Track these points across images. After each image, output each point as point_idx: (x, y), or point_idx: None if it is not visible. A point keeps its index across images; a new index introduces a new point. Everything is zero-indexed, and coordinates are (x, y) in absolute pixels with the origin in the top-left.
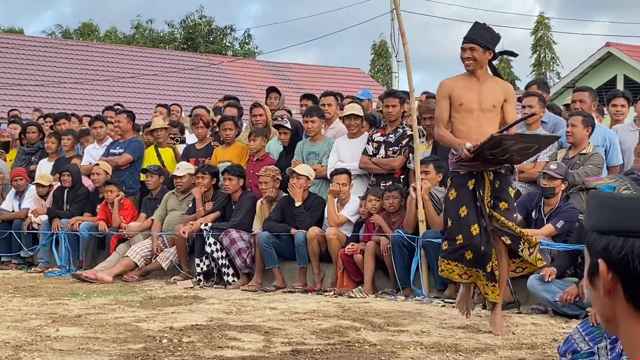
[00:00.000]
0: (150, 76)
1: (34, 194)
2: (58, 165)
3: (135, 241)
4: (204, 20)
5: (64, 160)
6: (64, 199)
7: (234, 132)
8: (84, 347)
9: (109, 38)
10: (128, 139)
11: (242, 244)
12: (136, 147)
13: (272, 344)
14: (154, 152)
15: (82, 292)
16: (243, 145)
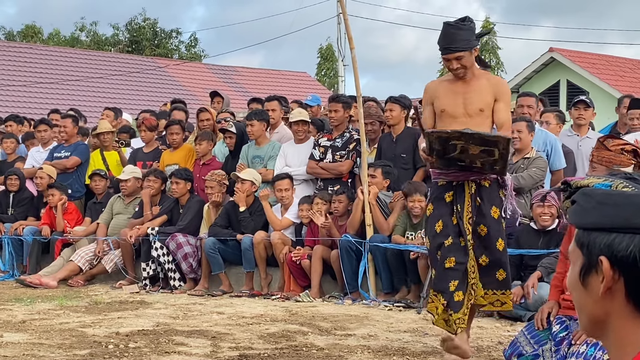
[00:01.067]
0: (95, 79)
1: None
2: (2, 169)
3: (80, 245)
4: (147, 22)
5: (5, 164)
6: (8, 203)
7: (180, 136)
8: (29, 353)
9: (52, 40)
10: (73, 142)
11: (189, 249)
12: (82, 150)
13: (220, 349)
14: (99, 156)
15: (26, 298)
16: (190, 147)
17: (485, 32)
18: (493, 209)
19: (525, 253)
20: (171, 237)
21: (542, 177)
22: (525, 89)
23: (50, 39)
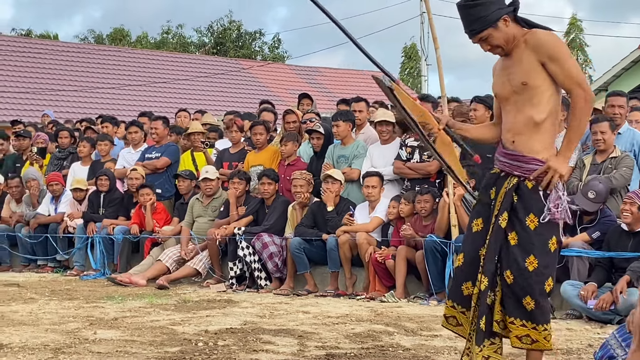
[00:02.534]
0: (181, 81)
1: (69, 198)
2: (94, 169)
3: (168, 245)
4: (232, 24)
5: (99, 165)
6: (99, 203)
7: (264, 136)
8: (121, 349)
9: (140, 43)
10: (164, 143)
11: (274, 248)
12: (173, 151)
13: (307, 348)
14: (189, 156)
15: (117, 295)
16: (275, 149)
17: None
18: (530, 217)
19: (615, 256)
20: (257, 237)
21: (631, 176)
22: (614, 87)
23: (138, 42)
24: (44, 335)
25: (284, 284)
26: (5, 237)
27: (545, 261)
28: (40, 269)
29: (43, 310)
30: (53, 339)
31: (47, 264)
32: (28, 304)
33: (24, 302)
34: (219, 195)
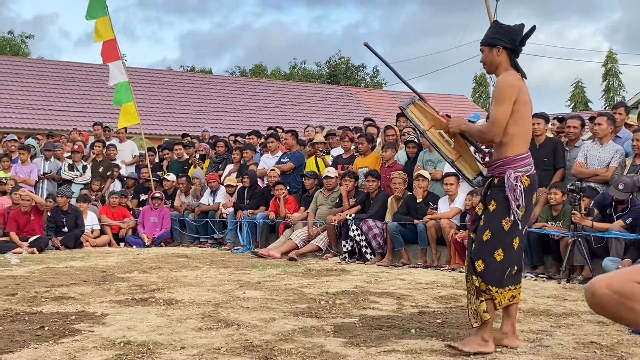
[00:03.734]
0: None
1: (224, 192)
2: (242, 171)
3: (297, 227)
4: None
5: (245, 167)
6: (245, 196)
7: (366, 145)
8: (264, 305)
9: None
10: (293, 151)
11: (377, 230)
12: (298, 157)
13: (404, 307)
14: (313, 161)
15: (259, 265)
16: (377, 155)
17: (526, 35)
18: (492, 203)
19: None
20: (364, 222)
21: None
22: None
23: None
24: (206, 294)
25: (385, 257)
26: (177, 220)
27: (492, 235)
28: (202, 244)
29: (205, 275)
30: (213, 297)
31: (207, 241)
32: (194, 271)
33: (191, 269)
34: (337, 189)
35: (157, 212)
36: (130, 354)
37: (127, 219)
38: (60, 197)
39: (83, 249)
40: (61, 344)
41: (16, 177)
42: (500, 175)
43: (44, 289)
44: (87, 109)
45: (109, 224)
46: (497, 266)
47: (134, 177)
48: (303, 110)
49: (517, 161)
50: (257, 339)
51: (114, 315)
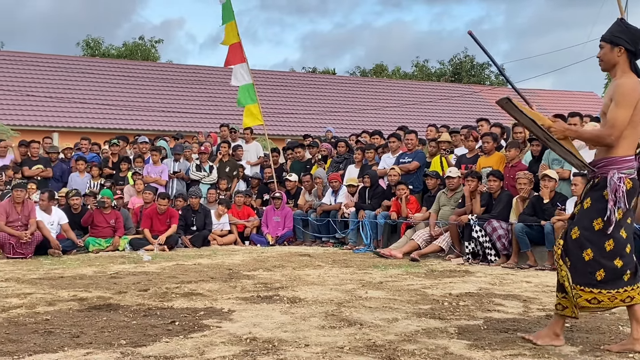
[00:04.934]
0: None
1: (345, 191)
2: (363, 171)
3: (418, 228)
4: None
5: (366, 167)
6: (366, 196)
7: (491, 144)
8: (387, 306)
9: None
10: (414, 150)
11: (501, 231)
12: (421, 157)
13: (530, 310)
14: (438, 160)
15: (381, 265)
16: (501, 154)
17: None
18: (587, 201)
19: None
20: (487, 222)
21: None
22: None
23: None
24: (329, 293)
25: (510, 259)
26: (299, 220)
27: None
28: (324, 243)
29: (327, 274)
30: (336, 296)
31: (329, 240)
32: (317, 270)
33: (313, 268)
34: (460, 189)
35: (279, 211)
36: (256, 349)
37: (251, 218)
38: (193, 198)
39: (210, 247)
40: (191, 339)
41: (148, 177)
42: (603, 175)
43: (174, 285)
44: (214, 110)
45: (234, 222)
46: (584, 265)
47: (258, 177)
48: (425, 110)
49: (623, 162)
50: (380, 338)
51: (240, 311)
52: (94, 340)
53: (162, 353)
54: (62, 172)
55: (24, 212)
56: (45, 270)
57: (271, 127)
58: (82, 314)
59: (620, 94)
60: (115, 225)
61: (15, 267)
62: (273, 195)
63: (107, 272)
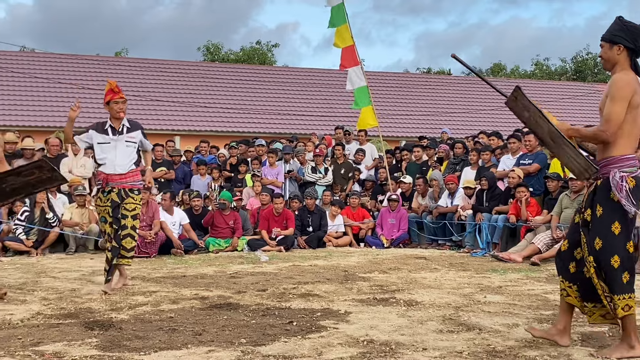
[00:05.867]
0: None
1: (462, 193)
2: (479, 173)
3: (539, 231)
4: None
5: (483, 169)
6: (484, 198)
7: None
8: (506, 310)
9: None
10: (535, 152)
11: None
12: (542, 159)
13: None
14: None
15: (499, 269)
16: None
17: None
18: (597, 208)
19: None
20: None
21: None
22: None
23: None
24: (446, 297)
25: None
26: (414, 222)
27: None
28: (440, 246)
29: (444, 277)
30: (454, 300)
31: (445, 243)
32: (433, 273)
33: (430, 271)
34: (583, 192)
35: (394, 213)
36: (374, 352)
37: (366, 220)
38: (309, 199)
39: (326, 248)
40: (308, 339)
41: (265, 179)
42: (604, 175)
43: (291, 285)
44: (328, 113)
45: (349, 224)
46: (617, 273)
47: (372, 179)
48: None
49: (623, 161)
50: (499, 344)
51: (357, 313)
52: (215, 338)
53: (280, 352)
54: (184, 174)
55: (149, 212)
56: (168, 269)
57: (386, 128)
58: (203, 312)
59: (615, 89)
60: (234, 226)
61: (141, 266)
62: (389, 197)
63: (227, 272)
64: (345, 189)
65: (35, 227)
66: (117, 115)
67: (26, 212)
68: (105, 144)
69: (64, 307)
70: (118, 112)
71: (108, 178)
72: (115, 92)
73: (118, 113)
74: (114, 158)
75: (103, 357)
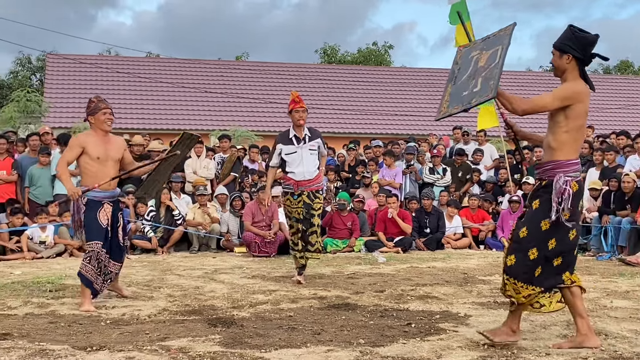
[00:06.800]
0: None
1: (587, 195)
2: (604, 173)
3: None
4: None
5: (608, 170)
6: (610, 200)
7: None
8: (633, 316)
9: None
10: None
11: None
12: None
13: None
14: None
15: (627, 273)
16: None
17: (596, 55)
18: (535, 202)
19: None
20: None
21: None
22: None
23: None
24: None
25: None
26: None
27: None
28: None
29: None
30: None
31: None
32: None
33: None
34: None
35: (516, 215)
36: (495, 356)
37: (486, 221)
38: (426, 199)
39: (444, 250)
40: (427, 342)
41: (382, 180)
42: (550, 177)
43: (409, 287)
44: None
45: (468, 226)
46: (530, 264)
47: (492, 180)
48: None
49: (569, 165)
50: (627, 350)
51: (477, 317)
52: (334, 338)
53: (399, 354)
54: None
55: (268, 213)
56: (287, 269)
57: None
58: (322, 312)
59: (562, 89)
60: (352, 227)
61: (261, 265)
62: (510, 199)
63: (344, 272)
64: (462, 190)
65: (161, 225)
66: (298, 122)
67: (152, 212)
68: (292, 153)
69: (188, 304)
70: (298, 119)
71: (298, 183)
72: (297, 102)
73: (298, 121)
74: (302, 166)
75: (225, 353)
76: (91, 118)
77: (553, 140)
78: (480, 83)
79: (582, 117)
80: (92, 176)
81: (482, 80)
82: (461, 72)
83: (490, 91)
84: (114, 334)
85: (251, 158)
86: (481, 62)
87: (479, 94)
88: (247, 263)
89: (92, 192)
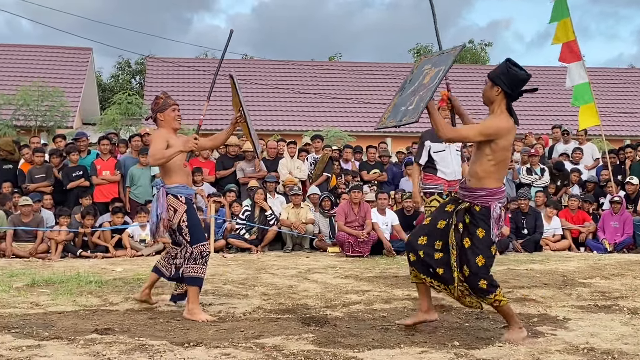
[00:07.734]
0: None
1: None
2: None
3: None
4: None
5: None
6: None
7: None
8: None
9: None
10: None
11: None
12: None
13: None
14: None
15: None
16: None
17: (526, 90)
18: (480, 231)
19: None
20: None
21: None
22: None
23: None
24: None
25: None
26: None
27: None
28: None
29: None
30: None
31: None
32: None
33: None
34: None
35: (618, 216)
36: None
37: (586, 223)
38: (522, 200)
39: (542, 252)
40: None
41: None
42: (483, 204)
43: (506, 289)
44: (545, 111)
45: (568, 227)
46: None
47: (594, 180)
48: None
49: (499, 193)
50: None
51: (577, 320)
52: (428, 340)
53: (495, 357)
54: (394, 176)
55: (361, 212)
56: (380, 269)
57: (608, 127)
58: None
59: (490, 124)
60: None
61: (354, 265)
62: (612, 199)
63: None
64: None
65: (256, 225)
66: None
67: (247, 212)
68: (441, 151)
69: (282, 302)
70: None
71: (449, 183)
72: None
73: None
74: (453, 165)
75: (319, 352)
76: (160, 115)
77: (481, 171)
78: (415, 102)
79: (506, 150)
80: (177, 171)
81: (417, 99)
82: (410, 84)
83: (416, 115)
84: (210, 330)
85: (345, 158)
86: (426, 79)
87: (410, 114)
88: (340, 263)
89: (185, 190)
